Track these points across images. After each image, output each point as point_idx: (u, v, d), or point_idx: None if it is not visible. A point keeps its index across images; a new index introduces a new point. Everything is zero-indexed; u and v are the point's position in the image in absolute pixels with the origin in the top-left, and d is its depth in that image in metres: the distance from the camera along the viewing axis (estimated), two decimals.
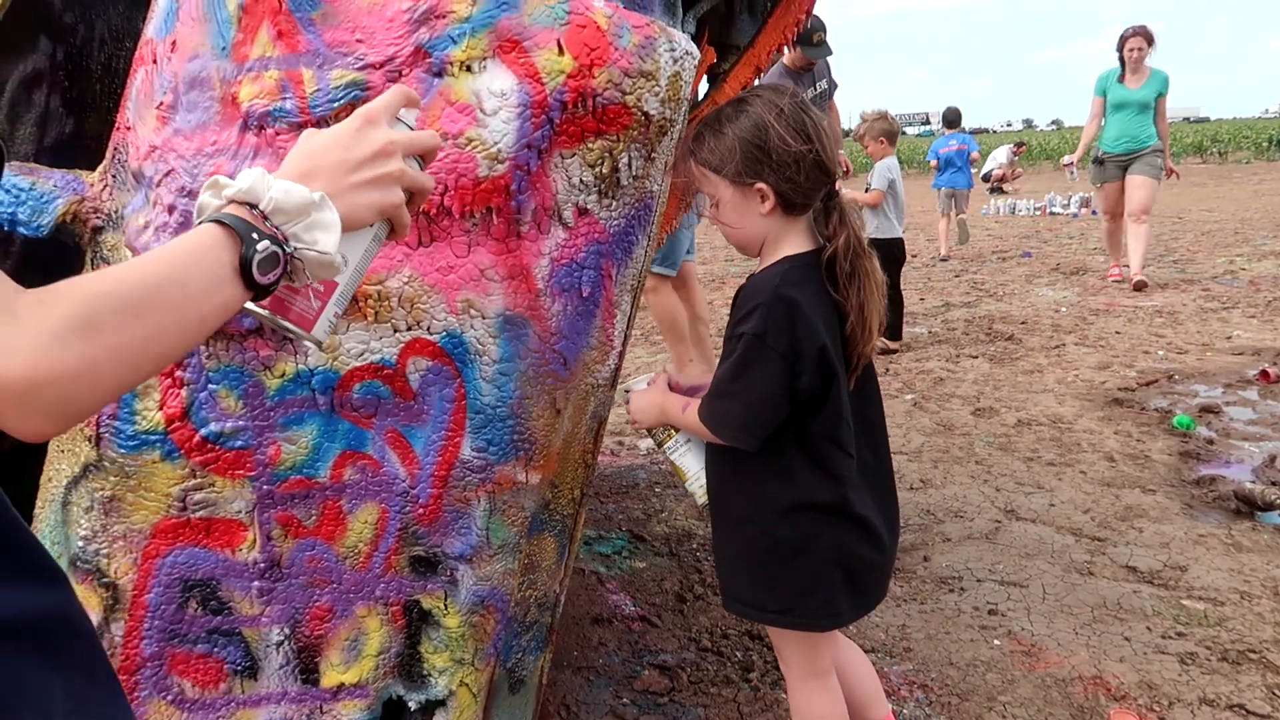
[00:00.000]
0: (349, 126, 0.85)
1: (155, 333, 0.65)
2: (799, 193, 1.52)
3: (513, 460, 1.48)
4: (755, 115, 1.50)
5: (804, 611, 1.54)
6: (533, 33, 1.32)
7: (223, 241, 0.72)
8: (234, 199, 0.75)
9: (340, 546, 1.46)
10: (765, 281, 1.52)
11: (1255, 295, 6.41)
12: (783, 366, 1.46)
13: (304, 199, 0.76)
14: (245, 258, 0.72)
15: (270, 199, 0.75)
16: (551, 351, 1.47)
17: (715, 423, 1.54)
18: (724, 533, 1.62)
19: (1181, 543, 2.76)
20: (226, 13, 1.34)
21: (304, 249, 0.76)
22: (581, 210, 1.44)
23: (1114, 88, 6.96)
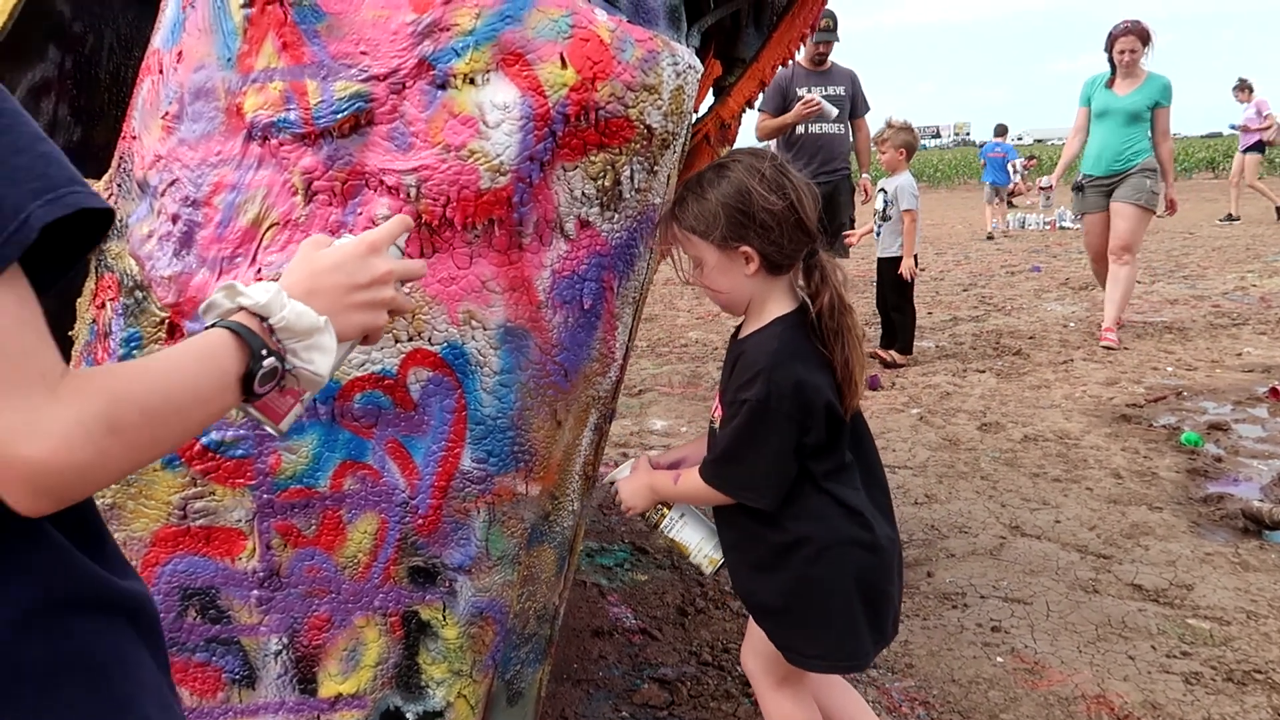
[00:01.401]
0: (354, 252, 0.91)
1: (164, 435, 0.70)
2: (782, 254, 1.54)
3: (513, 472, 1.48)
4: (737, 179, 1.52)
5: (841, 655, 1.56)
6: (536, 46, 1.33)
7: (232, 351, 0.76)
8: (246, 309, 0.79)
9: (339, 556, 1.46)
10: (762, 346, 1.54)
11: (1266, 312, 6.38)
12: (790, 428, 1.48)
13: (312, 323, 0.82)
14: (251, 371, 0.76)
15: (282, 318, 0.80)
16: (552, 363, 1.47)
17: (728, 485, 1.56)
18: (750, 585, 1.63)
19: (1188, 561, 2.74)
20: (232, 24, 1.35)
21: (301, 366, 0.81)
22: (583, 223, 1.44)
23: (1099, 94, 5.57)
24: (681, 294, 8.36)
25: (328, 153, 1.33)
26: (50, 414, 0.61)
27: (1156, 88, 5.44)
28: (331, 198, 1.35)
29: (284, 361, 0.80)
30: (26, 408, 0.61)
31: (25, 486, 0.62)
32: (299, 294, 0.84)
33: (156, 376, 0.70)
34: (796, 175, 1.54)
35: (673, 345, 6.16)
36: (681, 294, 8.36)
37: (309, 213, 1.35)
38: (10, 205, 0.61)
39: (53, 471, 0.61)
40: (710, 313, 7.39)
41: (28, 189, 0.61)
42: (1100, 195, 5.54)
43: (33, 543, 0.68)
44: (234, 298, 0.80)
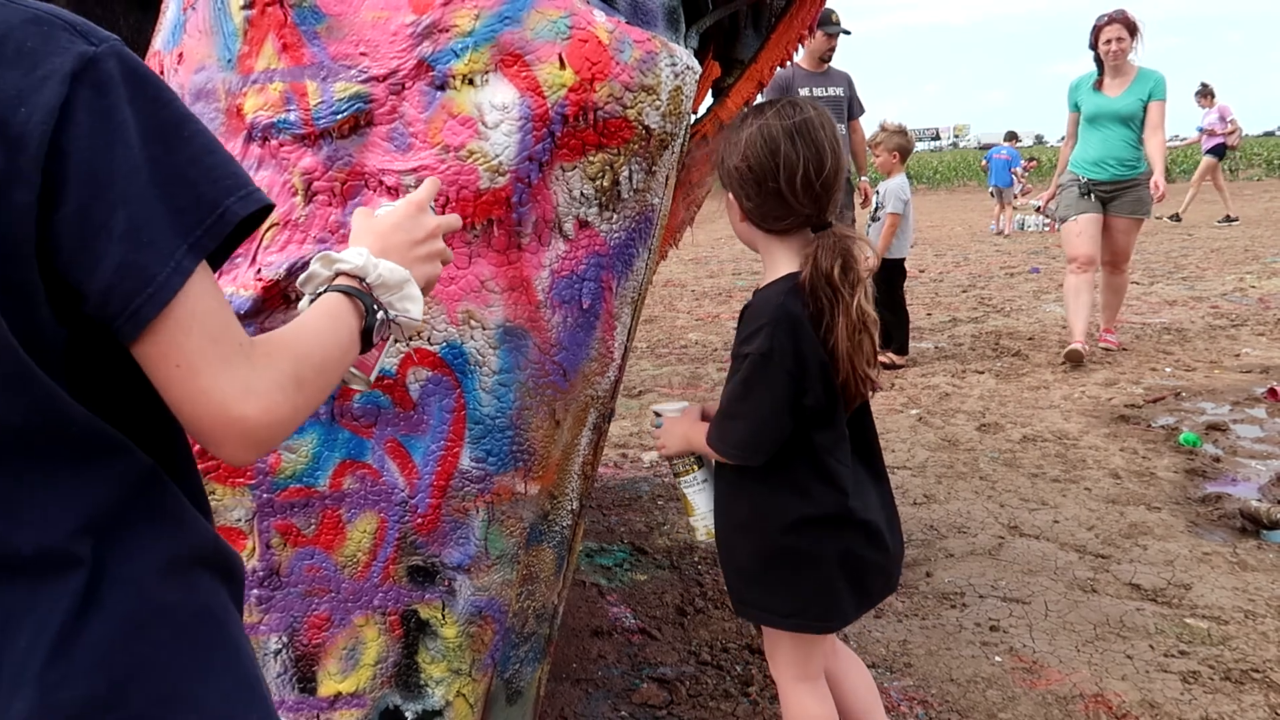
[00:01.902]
0: (407, 212, 1.01)
1: (326, 385, 0.81)
2: (761, 214, 1.54)
3: (511, 471, 1.48)
4: (749, 126, 1.52)
5: (813, 614, 1.57)
6: (534, 47, 1.33)
7: (349, 310, 0.86)
8: (345, 273, 0.89)
9: (339, 555, 1.46)
10: (768, 300, 1.53)
11: (1265, 313, 6.39)
12: (789, 383, 1.47)
13: (402, 276, 0.92)
14: (368, 325, 0.87)
15: (378, 275, 0.89)
16: (551, 363, 1.48)
17: (723, 443, 1.56)
18: (731, 541, 1.64)
19: (1186, 561, 2.75)
20: (233, 25, 1.36)
21: (400, 316, 0.92)
22: (582, 223, 1.45)
23: (1088, 97, 5.14)
24: (681, 295, 8.37)
25: (327, 153, 1.34)
26: (255, 377, 0.71)
27: (1150, 83, 5.01)
28: (331, 198, 1.35)
29: (387, 313, 0.90)
30: (238, 374, 0.70)
31: (242, 440, 0.72)
32: (376, 254, 0.92)
33: (316, 336, 0.81)
34: (807, 147, 1.48)
35: (672, 346, 6.16)
36: (681, 295, 8.37)
37: (309, 213, 1.35)
38: (209, 200, 0.70)
39: (264, 425, 0.72)
40: (709, 314, 7.40)
41: (223, 186, 0.71)
42: (1099, 200, 5.18)
43: (176, 502, 0.77)
44: (331, 265, 0.89)
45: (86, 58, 0.66)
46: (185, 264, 0.68)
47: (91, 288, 0.66)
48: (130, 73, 0.69)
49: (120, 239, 0.66)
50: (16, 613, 0.68)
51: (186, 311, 0.68)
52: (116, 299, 0.67)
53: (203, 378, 0.69)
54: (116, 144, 0.66)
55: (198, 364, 0.69)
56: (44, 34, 0.67)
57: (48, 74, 0.65)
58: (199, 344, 0.69)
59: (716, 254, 11.78)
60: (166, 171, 0.68)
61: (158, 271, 0.67)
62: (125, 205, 0.66)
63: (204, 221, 0.70)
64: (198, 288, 0.69)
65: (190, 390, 0.69)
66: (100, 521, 0.71)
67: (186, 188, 0.69)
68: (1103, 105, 5.07)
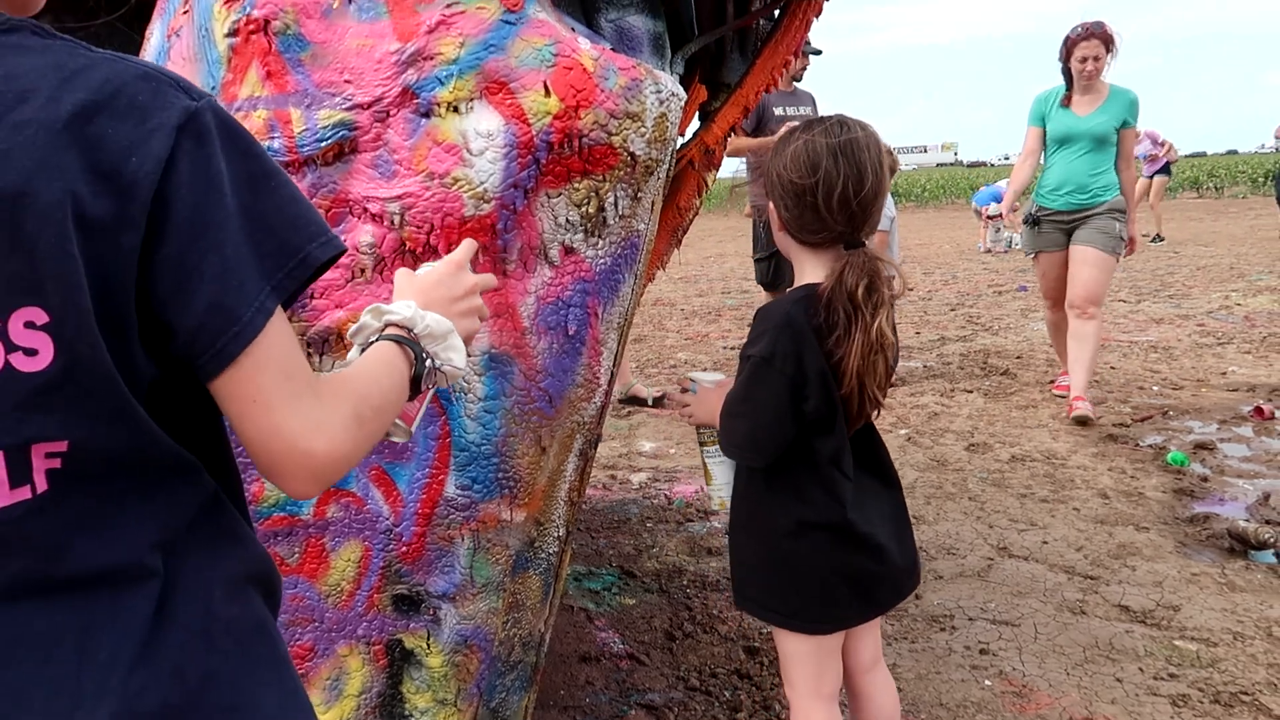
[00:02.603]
0: (447, 270, 1.07)
1: (382, 425, 0.85)
2: (799, 226, 1.55)
3: (497, 498, 1.47)
4: (799, 140, 1.53)
5: (810, 616, 1.58)
6: (519, 74, 1.33)
7: (401, 358, 0.91)
8: (394, 323, 0.94)
9: (322, 585, 1.45)
10: (778, 306, 1.56)
11: (1250, 331, 6.42)
12: (788, 388, 1.49)
13: (447, 327, 0.97)
14: (417, 373, 0.92)
15: (425, 326, 0.95)
16: (537, 389, 1.47)
17: (726, 440, 1.61)
18: (738, 537, 1.68)
19: (1175, 582, 2.74)
20: (217, 53, 1.36)
21: (445, 365, 0.97)
22: (568, 249, 1.44)
23: (1056, 114, 4.57)
24: (670, 314, 8.38)
25: (311, 180, 1.33)
26: (325, 414, 0.76)
27: (1123, 104, 4.47)
28: None
29: (434, 362, 0.95)
30: (309, 411, 0.75)
31: (309, 474, 0.76)
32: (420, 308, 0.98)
33: (374, 379, 0.86)
34: (849, 165, 1.49)
35: (662, 366, 6.16)
36: (670, 314, 8.38)
37: None
38: (292, 246, 0.75)
39: (330, 460, 0.76)
40: (699, 333, 7.40)
41: (305, 233, 0.76)
42: (1059, 232, 4.56)
43: (235, 522, 0.82)
44: (380, 317, 0.94)
45: (190, 111, 0.71)
46: (268, 305, 0.73)
47: (183, 325, 0.71)
48: (225, 126, 0.74)
49: (212, 280, 0.71)
50: (98, 625, 0.72)
51: (264, 350, 0.73)
52: (204, 337, 0.71)
53: (276, 413, 0.73)
54: (213, 192, 0.71)
55: (272, 400, 0.73)
56: (153, 89, 0.71)
57: (157, 126, 0.70)
58: (274, 380, 0.74)
59: (706, 272, 11.80)
60: (254, 219, 0.73)
61: (243, 312, 0.71)
62: (218, 250, 0.71)
63: (286, 265, 0.74)
64: (276, 326, 0.74)
65: (264, 425, 0.74)
66: (173, 538, 0.76)
67: (272, 234, 0.74)
68: (1072, 125, 4.52)
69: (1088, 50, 4.41)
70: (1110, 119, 4.46)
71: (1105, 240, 4.45)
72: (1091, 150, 4.48)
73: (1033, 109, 4.77)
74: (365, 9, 1.33)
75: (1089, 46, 4.41)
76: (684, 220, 2.24)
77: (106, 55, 0.73)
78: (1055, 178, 4.58)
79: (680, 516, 3.38)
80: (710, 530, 3.24)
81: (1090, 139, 4.47)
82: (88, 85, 0.69)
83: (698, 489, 3.65)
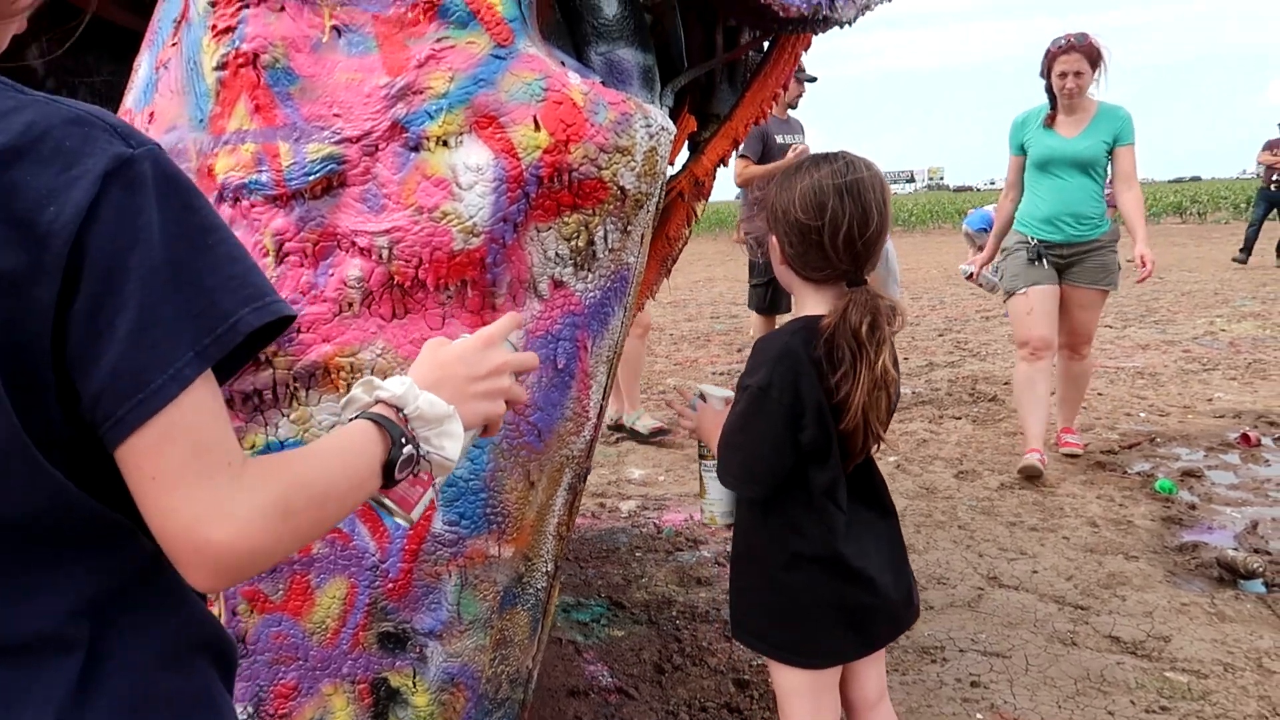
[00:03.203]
0: (473, 346, 0.98)
1: (324, 519, 0.76)
2: (803, 263, 1.57)
3: (485, 534, 1.46)
4: (803, 179, 1.54)
5: (803, 650, 1.58)
6: (509, 109, 1.33)
7: (376, 440, 0.82)
8: (383, 401, 0.85)
9: (307, 622, 1.43)
10: (776, 337, 1.58)
11: (1235, 357, 6.47)
12: (785, 418, 1.49)
13: (443, 411, 0.88)
14: (392, 459, 0.82)
15: (417, 408, 0.86)
16: (525, 423, 1.46)
17: (723, 471, 1.60)
18: (738, 567, 1.68)
19: (1164, 612, 2.74)
20: (205, 86, 1.35)
21: (433, 453, 0.87)
22: (557, 283, 1.44)
23: (1038, 136, 4.08)
24: (659, 339, 8.38)
25: (299, 214, 1.33)
26: (235, 499, 0.68)
27: (1114, 122, 4.00)
28: (303, 259, 1.34)
29: (418, 448, 0.85)
30: (215, 494, 0.67)
31: (209, 566, 0.68)
32: (427, 385, 0.90)
33: (321, 464, 0.77)
34: (854, 205, 1.50)
35: (650, 392, 6.15)
36: (659, 339, 8.38)
37: (280, 274, 1.34)
38: (222, 309, 0.68)
39: (234, 553, 0.67)
40: (688, 358, 7.40)
41: (240, 296, 0.69)
42: (1053, 267, 4.10)
43: (177, 587, 0.75)
44: (371, 391, 0.86)
45: (123, 159, 0.66)
46: (186, 372, 0.66)
47: (87, 388, 0.65)
48: (164, 176, 0.68)
49: (121, 340, 0.65)
50: (15, 696, 0.67)
51: (175, 421, 0.66)
52: (107, 402, 0.65)
53: (176, 493, 0.66)
54: (139, 244, 0.66)
55: (173, 478, 0.66)
56: (84, 134, 0.67)
57: (81, 173, 0.65)
58: (180, 456, 0.66)
59: (695, 297, 11.82)
60: (185, 276, 0.67)
61: (153, 378, 0.65)
62: (134, 307, 0.65)
63: (215, 329, 0.68)
64: (194, 396, 0.67)
65: (161, 505, 0.67)
66: (100, 606, 0.71)
67: (203, 294, 0.68)
68: (1056, 148, 4.02)
69: (1068, 64, 3.93)
70: (1100, 140, 3.98)
71: (1107, 279, 4.12)
72: (1083, 176, 4.03)
73: (1011, 135, 4.24)
74: (355, 43, 1.33)
75: (1070, 61, 3.92)
76: (673, 250, 2.24)
77: (39, 98, 0.69)
78: (1047, 207, 4.07)
79: (669, 545, 3.36)
80: (700, 560, 3.22)
81: (1077, 163, 4.01)
82: (10, 130, 0.65)
83: (687, 517, 3.63)
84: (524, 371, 1.09)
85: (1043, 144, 4.08)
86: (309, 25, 1.32)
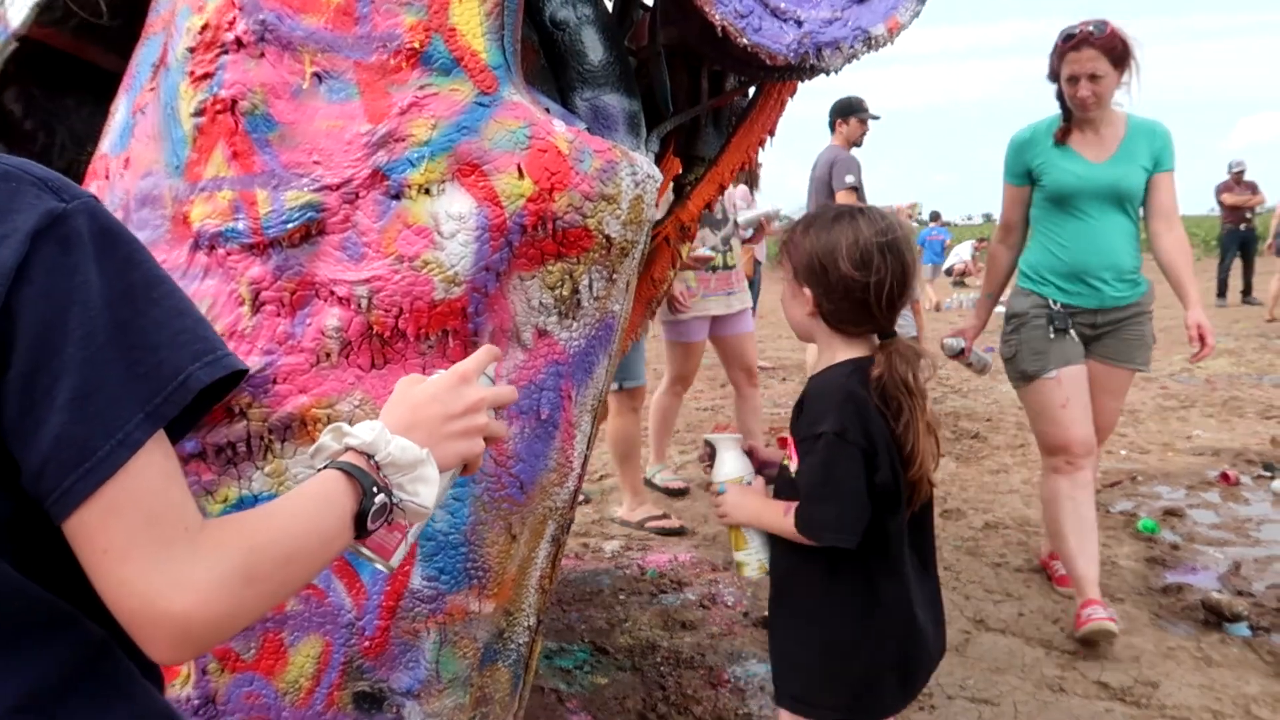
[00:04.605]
0: (447, 384, 0.94)
1: (292, 579, 0.73)
2: (839, 318, 1.57)
3: (465, 589, 1.42)
4: (838, 233, 1.53)
5: (859, 708, 1.55)
6: (493, 157, 1.31)
7: (346, 491, 0.79)
8: (354, 449, 0.82)
9: (280, 681, 1.38)
10: (832, 382, 1.56)
11: (1212, 394, 6.51)
12: (863, 460, 1.48)
13: (415, 457, 0.84)
14: (364, 509, 0.79)
15: (388, 454, 0.83)
16: (508, 475, 1.42)
17: (815, 529, 1.51)
18: (786, 629, 1.62)
19: (1151, 656, 2.71)
20: (182, 132, 1.33)
21: (407, 500, 0.84)
22: (541, 332, 1.41)
23: (1052, 160, 2.92)
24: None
25: (277, 263, 1.30)
26: (192, 569, 0.65)
27: (1151, 140, 2.86)
28: (280, 308, 1.31)
29: (391, 496, 0.82)
30: (172, 564, 0.64)
31: (169, 639, 0.65)
32: (400, 429, 0.86)
33: (284, 524, 0.73)
34: (895, 263, 1.52)
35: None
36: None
37: (255, 324, 1.30)
38: (171, 367, 0.65)
39: (195, 624, 0.64)
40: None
41: (189, 351, 0.67)
42: (1082, 339, 2.94)
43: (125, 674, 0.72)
44: (341, 439, 0.83)
45: (54, 215, 0.63)
46: (135, 436, 0.63)
47: (29, 461, 0.62)
48: (101, 231, 0.65)
49: (63, 408, 0.61)
50: None
51: (125, 489, 0.63)
52: (51, 473, 0.62)
53: (129, 565, 0.63)
54: (74, 305, 0.62)
55: (126, 549, 0.63)
56: (10, 190, 0.64)
57: (8, 233, 0.62)
58: (132, 526, 0.63)
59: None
60: (128, 335, 0.64)
61: (99, 445, 0.62)
62: (74, 371, 0.62)
63: (164, 389, 0.65)
64: (144, 461, 0.64)
65: (115, 578, 0.63)
66: (41, 698, 0.66)
67: (148, 353, 0.65)
68: (1085, 176, 2.85)
69: (1081, 64, 2.75)
70: (1136, 166, 2.85)
71: (1144, 356, 3.01)
72: (1117, 213, 2.88)
73: (1010, 158, 3.04)
74: (336, 90, 1.31)
75: (1083, 60, 2.75)
76: (658, 292, 2.22)
77: None
78: (1073, 258, 2.90)
79: (654, 588, 3.31)
80: (684, 602, 3.17)
81: (1112, 197, 2.85)
82: None
83: (671, 558, 3.59)
84: (502, 406, 1.05)
85: (1063, 170, 2.88)
86: (289, 71, 1.30)
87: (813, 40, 1.50)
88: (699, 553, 3.66)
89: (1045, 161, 2.94)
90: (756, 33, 1.50)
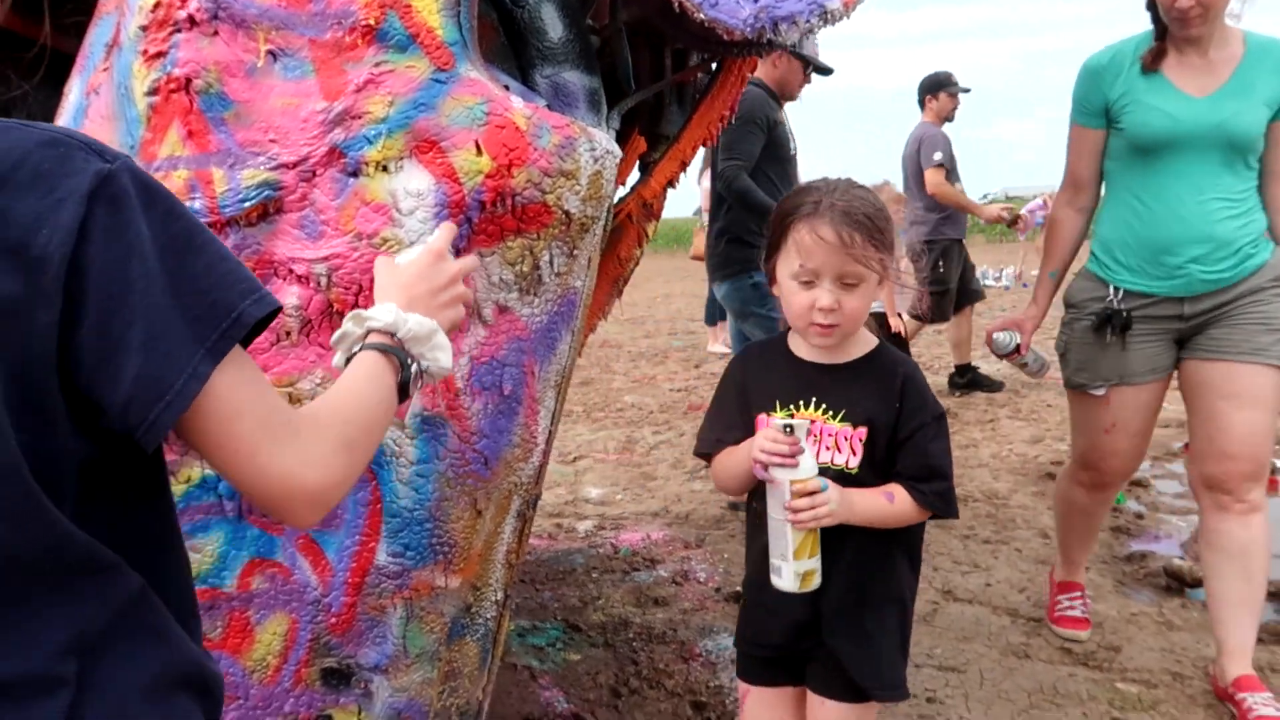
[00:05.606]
0: (425, 261, 1.09)
1: (375, 440, 0.87)
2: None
3: (431, 564, 1.43)
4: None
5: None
6: (450, 133, 1.32)
7: (385, 367, 0.93)
8: (376, 330, 0.95)
9: (247, 660, 1.39)
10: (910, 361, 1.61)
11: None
12: None
13: (430, 328, 0.99)
14: (404, 379, 0.94)
15: (409, 330, 0.96)
16: (472, 451, 1.43)
17: (955, 505, 1.57)
18: (878, 620, 1.56)
19: (1114, 622, 2.77)
20: (136, 111, 1.32)
21: (431, 366, 0.99)
22: (502, 308, 1.42)
23: (1140, 91, 2.18)
24: (617, 356, 8.37)
25: (234, 242, 1.30)
26: (308, 448, 0.78)
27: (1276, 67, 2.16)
28: None
29: (420, 365, 0.97)
30: (291, 448, 0.76)
31: (308, 506, 0.79)
32: (402, 307, 0.99)
33: (358, 399, 0.88)
34: None
35: (608, 410, 6.13)
36: (617, 356, 8.37)
37: None
38: (224, 306, 0.73)
39: (324, 489, 0.79)
40: (646, 375, 7.39)
41: (237, 290, 0.75)
42: (1160, 342, 2.30)
43: (162, 620, 0.78)
44: (362, 324, 0.96)
45: (103, 175, 0.69)
46: (202, 369, 0.71)
47: (112, 400, 0.69)
48: (143, 187, 0.71)
49: (138, 351, 0.68)
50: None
51: (226, 405, 0.73)
52: (136, 410, 0.69)
53: (260, 457, 0.75)
54: (133, 258, 0.69)
55: (254, 448, 0.74)
56: (60, 155, 0.69)
57: (66, 195, 0.67)
58: (251, 429, 0.74)
59: (653, 314, 11.83)
60: (181, 281, 0.71)
61: (174, 380, 0.70)
62: (142, 318, 0.69)
63: (220, 326, 0.73)
64: (229, 381, 0.73)
65: (250, 470, 0.75)
66: (86, 642, 0.72)
67: (201, 296, 0.72)
68: (1182, 117, 2.16)
69: None
70: (1256, 103, 2.15)
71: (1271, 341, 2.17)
72: (1221, 168, 2.18)
73: (1083, 90, 2.32)
74: (291, 67, 1.30)
75: None
76: (625, 270, 2.23)
77: (9, 124, 0.70)
78: (1148, 228, 2.24)
79: (626, 565, 3.34)
80: (657, 579, 3.20)
81: (1218, 144, 2.16)
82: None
83: (644, 536, 3.61)
84: (469, 272, 1.20)
85: (1150, 108, 2.19)
86: (243, 50, 1.29)
87: (769, 15, 1.51)
88: (671, 530, 3.69)
89: (1128, 95, 2.22)
90: (713, 8, 1.51)
